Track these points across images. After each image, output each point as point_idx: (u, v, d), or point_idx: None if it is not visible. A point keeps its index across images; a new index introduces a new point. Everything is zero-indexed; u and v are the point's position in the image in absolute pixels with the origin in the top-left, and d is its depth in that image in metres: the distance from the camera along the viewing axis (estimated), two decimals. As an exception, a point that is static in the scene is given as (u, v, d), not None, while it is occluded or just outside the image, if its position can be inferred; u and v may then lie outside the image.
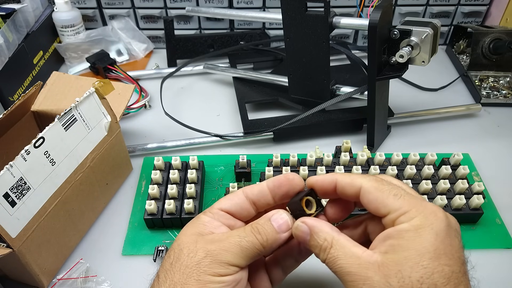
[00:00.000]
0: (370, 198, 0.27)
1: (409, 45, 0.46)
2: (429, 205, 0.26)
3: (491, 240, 0.45)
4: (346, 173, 0.29)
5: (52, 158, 0.38)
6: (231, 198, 0.31)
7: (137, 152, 0.55)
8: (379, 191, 0.27)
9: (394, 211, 0.26)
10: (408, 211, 0.25)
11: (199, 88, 0.69)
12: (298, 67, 0.56)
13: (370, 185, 0.27)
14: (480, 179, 0.51)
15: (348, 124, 0.57)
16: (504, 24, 0.71)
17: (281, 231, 0.29)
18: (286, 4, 0.51)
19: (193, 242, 0.28)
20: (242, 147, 0.57)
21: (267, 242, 0.28)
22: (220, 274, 0.26)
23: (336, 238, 0.27)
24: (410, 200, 0.26)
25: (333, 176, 0.30)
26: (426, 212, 0.25)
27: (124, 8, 0.74)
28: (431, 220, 0.25)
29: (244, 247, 0.27)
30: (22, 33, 0.64)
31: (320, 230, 0.28)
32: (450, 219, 0.26)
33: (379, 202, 0.27)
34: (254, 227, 0.28)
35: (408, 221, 0.25)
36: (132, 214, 0.47)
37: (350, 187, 0.28)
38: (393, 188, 0.27)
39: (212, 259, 0.27)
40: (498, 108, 0.63)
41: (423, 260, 0.24)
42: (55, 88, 0.51)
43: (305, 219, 0.29)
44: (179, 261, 0.27)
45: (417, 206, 0.26)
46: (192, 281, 0.26)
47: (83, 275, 0.41)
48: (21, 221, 0.35)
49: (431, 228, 0.25)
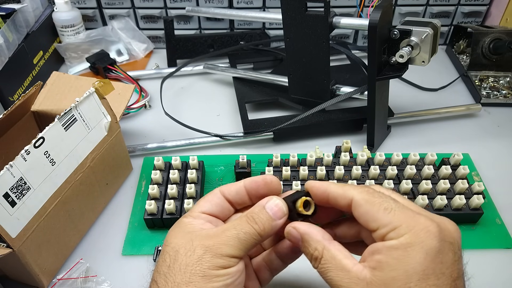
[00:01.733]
0: (360, 211, 0.26)
1: (409, 45, 0.46)
2: (422, 219, 0.25)
3: (491, 240, 0.45)
4: (339, 184, 0.29)
5: (52, 158, 0.38)
6: (210, 200, 0.31)
7: (137, 152, 0.55)
8: (369, 204, 0.26)
9: (384, 226, 0.25)
10: (398, 227, 0.25)
11: (199, 88, 0.69)
12: (298, 67, 0.56)
13: (361, 197, 0.27)
14: (480, 179, 0.51)
15: (348, 124, 0.57)
16: (504, 24, 0.71)
17: (277, 218, 0.28)
18: (286, 4, 0.51)
19: (189, 241, 0.27)
20: (242, 147, 0.57)
21: (264, 230, 0.28)
22: (223, 267, 0.26)
23: (327, 247, 0.27)
24: (401, 215, 0.25)
25: (326, 186, 0.29)
26: (417, 229, 0.24)
27: (124, 8, 0.74)
28: (421, 238, 0.24)
29: (242, 239, 0.27)
30: (22, 33, 0.64)
31: (310, 238, 0.27)
32: (445, 232, 0.25)
33: (369, 216, 0.26)
34: (250, 217, 0.28)
35: (397, 237, 0.24)
36: (132, 214, 0.47)
37: (342, 198, 0.28)
38: (384, 201, 0.26)
39: (212, 254, 0.26)
40: (498, 108, 0.63)
41: (410, 282, 0.23)
42: (55, 88, 0.51)
43: (296, 225, 0.28)
44: (177, 262, 0.27)
45: (408, 221, 0.25)
46: (198, 278, 0.26)
47: (83, 275, 0.41)
48: (21, 221, 0.35)
49: (421, 247, 0.24)
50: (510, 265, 0.43)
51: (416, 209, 0.26)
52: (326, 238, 0.28)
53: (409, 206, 0.27)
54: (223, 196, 0.31)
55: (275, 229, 0.29)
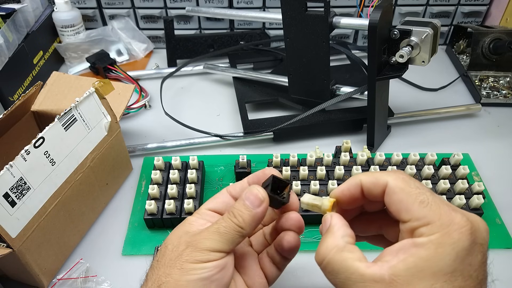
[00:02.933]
0: (394, 199, 0.25)
1: (409, 45, 0.46)
2: (458, 217, 0.23)
3: (491, 240, 0.44)
4: (368, 172, 0.27)
5: (52, 158, 0.38)
6: (216, 197, 0.32)
7: (137, 152, 0.55)
8: (405, 193, 0.25)
9: (416, 220, 0.24)
10: (432, 224, 0.23)
11: (199, 88, 0.69)
12: (298, 67, 0.56)
13: (396, 184, 0.25)
14: (480, 179, 0.51)
15: (348, 124, 0.57)
16: (504, 24, 0.71)
17: (255, 207, 0.28)
18: (286, 4, 0.51)
19: (177, 238, 0.29)
20: (242, 147, 0.57)
21: (244, 222, 0.28)
22: (201, 261, 0.27)
23: (340, 247, 0.25)
24: (437, 210, 0.24)
25: (356, 179, 0.28)
26: (451, 228, 0.23)
27: (124, 8, 0.74)
28: (454, 238, 0.23)
29: (223, 232, 0.28)
30: (22, 33, 0.64)
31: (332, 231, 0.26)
32: (477, 233, 0.23)
33: (403, 206, 0.24)
34: (230, 211, 0.29)
35: (429, 235, 0.23)
36: (132, 214, 0.47)
37: (375, 186, 0.26)
38: (421, 192, 0.24)
39: (192, 249, 0.27)
40: (498, 108, 0.63)
41: (437, 282, 0.22)
42: (55, 88, 0.51)
43: (333, 216, 0.27)
44: (164, 257, 0.28)
45: (443, 219, 0.23)
46: (175, 271, 0.27)
47: (83, 275, 0.41)
48: (21, 221, 0.35)
49: (453, 248, 0.22)
50: (510, 265, 0.43)
51: (449, 206, 0.25)
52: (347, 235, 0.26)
53: (442, 201, 0.25)
54: (229, 194, 0.32)
55: (257, 218, 0.28)
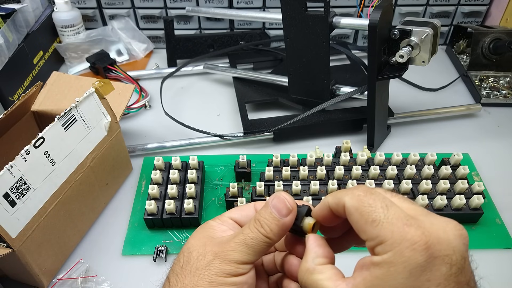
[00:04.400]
0: (351, 219, 0.25)
1: (409, 45, 0.46)
2: (411, 233, 0.22)
3: (491, 240, 0.45)
4: (334, 192, 0.27)
5: (52, 158, 0.38)
6: (242, 209, 0.31)
7: (137, 152, 0.55)
8: (358, 213, 0.24)
9: (371, 240, 0.23)
10: (384, 242, 0.23)
11: (199, 88, 0.69)
12: (298, 67, 0.56)
13: (351, 204, 0.25)
14: (480, 179, 0.51)
15: (348, 124, 0.57)
16: (504, 24, 0.71)
17: (282, 216, 0.27)
18: (286, 4, 0.51)
19: (202, 245, 0.28)
20: (242, 147, 0.57)
21: (271, 232, 0.27)
22: (231, 274, 0.26)
23: (310, 270, 0.25)
24: (388, 227, 0.23)
25: (324, 202, 0.27)
26: (402, 246, 0.22)
27: (124, 8, 0.74)
28: (405, 256, 0.22)
29: (250, 244, 0.27)
30: (22, 33, 0.64)
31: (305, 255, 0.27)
32: (437, 246, 0.22)
33: (359, 226, 0.24)
34: (257, 219, 0.28)
35: (383, 253, 0.23)
36: (132, 214, 0.47)
37: (338, 207, 0.26)
38: (373, 210, 0.24)
39: (221, 260, 0.27)
40: (498, 108, 0.63)
41: None
42: (55, 88, 0.51)
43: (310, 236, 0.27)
44: (189, 264, 0.27)
45: (395, 236, 0.22)
46: (205, 283, 0.26)
47: (83, 275, 0.41)
48: (21, 221, 0.35)
49: (404, 266, 0.22)
50: (510, 265, 0.43)
51: (412, 213, 0.24)
52: (317, 262, 0.26)
53: (406, 210, 0.24)
54: (255, 210, 0.31)
55: (285, 228, 0.28)
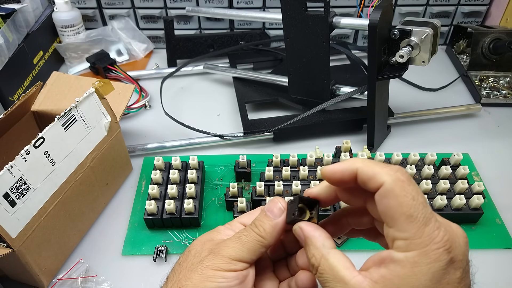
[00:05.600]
0: (384, 202, 0.24)
1: (409, 45, 0.46)
2: (440, 235, 0.23)
3: (491, 240, 0.45)
4: (368, 162, 0.25)
5: (52, 158, 0.38)
6: (251, 213, 0.32)
7: (137, 152, 0.55)
8: (398, 202, 0.23)
9: (398, 231, 0.23)
10: (411, 240, 0.23)
11: (199, 88, 0.69)
12: (298, 67, 0.56)
13: (391, 188, 0.24)
14: (480, 179, 0.51)
15: (348, 124, 0.57)
16: (504, 24, 0.71)
17: (275, 216, 0.28)
18: (286, 4, 0.51)
19: (201, 244, 0.29)
20: (242, 147, 0.57)
21: (265, 231, 0.28)
22: (222, 269, 0.27)
23: (325, 256, 0.25)
24: (421, 228, 0.23)
25: (353, 167, 0.26)
26: (429, 248, 0.22)
27: (124, 8, 0.74)
28: (431, 258, 0.22)
29: (244, 241, 0.28)
30: (22, 33, 0.64)
31: (311, 243, 0.26)
32: (456, 251, 0.23)
33: (391, 212, 0.24)
34: (252, 222, 0.29)
35: (406, 251, 0.23)
36: (132, 214, 0.47)
37: (369, 181, 0.25)
38: (413, 206, 0.23)
39: (214, 255, 0.28)
40: (498, 108, 0.63)
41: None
42: (55, 88, 0.51)
43: (301, 225, 0.27)
44: (186, 261, 0.29)
45: (424, 237, 0.23)
46: (196, 276, 0.27)
47: (83, 275, 0.41)
48: (21, 221, 0.35)
49: (428, 268, 0.22)
50: (510, 265, 0.43)
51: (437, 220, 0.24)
52: (327, 245, 0.26)
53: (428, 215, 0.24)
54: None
55: (278, 228, 0.28)
